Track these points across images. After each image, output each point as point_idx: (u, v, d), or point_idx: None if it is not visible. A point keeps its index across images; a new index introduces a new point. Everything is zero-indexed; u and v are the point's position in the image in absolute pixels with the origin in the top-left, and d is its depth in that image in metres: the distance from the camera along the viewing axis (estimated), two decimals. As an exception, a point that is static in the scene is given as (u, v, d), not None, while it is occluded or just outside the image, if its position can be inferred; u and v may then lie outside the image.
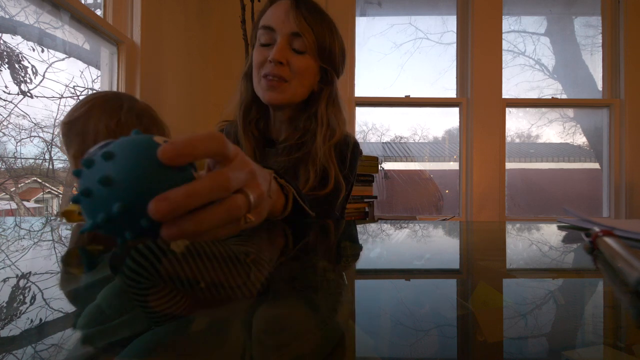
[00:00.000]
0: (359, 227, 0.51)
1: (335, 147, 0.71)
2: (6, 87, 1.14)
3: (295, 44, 0.68)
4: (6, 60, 1.14)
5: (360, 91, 2.44)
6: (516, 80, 2.55)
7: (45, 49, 1.27)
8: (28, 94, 1.20)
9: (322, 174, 0.68)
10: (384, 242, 0.40)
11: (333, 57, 0.72)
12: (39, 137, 1.29)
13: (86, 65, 1.47)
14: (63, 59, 1.35)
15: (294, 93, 0.70)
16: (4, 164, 1.22)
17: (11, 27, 1.16)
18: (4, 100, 1.14)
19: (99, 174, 0.23)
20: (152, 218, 0.23)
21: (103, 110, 0.67)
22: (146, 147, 0.24)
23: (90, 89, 1.50)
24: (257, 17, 0.74)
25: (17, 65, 1.17)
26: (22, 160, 1.27)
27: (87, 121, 0.66)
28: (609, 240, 0.29)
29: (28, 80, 1.20)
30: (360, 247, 0.37)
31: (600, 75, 2.48)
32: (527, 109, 2.60)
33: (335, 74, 0.75)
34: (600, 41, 2.47)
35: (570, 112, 2.67)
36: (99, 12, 1.50)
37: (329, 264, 0.30)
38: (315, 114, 0.71)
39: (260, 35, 0.70)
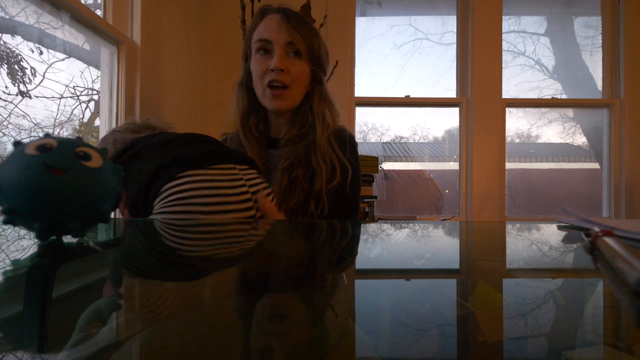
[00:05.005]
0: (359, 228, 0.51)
1: (335, 136, 0.79)
2: (6, 87, 1.14)
3: (291, 52, 0.77)
4: (5, 60, 1.14)
5: (360, 91, 2.44)
6: (516, 80, 2.55)
7: (45, 49, 1.27)
8: (27, 95, 1.19)
9: (331, 165, 0.75)
10: (384, 242, 0.40)
11: (321, 59, 0.82)
12: (39, 137, 1.29)
13: (86, 66, 1.47)
14: (63, 59, 1.35)
15: (295, 97, 0.79)
16: (4, 164, 1.22)
17: (11, 28, 1.16)
18: (4, 100, 1.14)
19: None
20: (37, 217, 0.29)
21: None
22: (16, 157, 0.30)
23: (90, 89, 1.50)
24: (249, 31, 0.81)
25: (15, 66, 1.17)
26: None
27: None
28: (609, 240, 0.29)
29: (27, 81, 1.20)
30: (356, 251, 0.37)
31: (600, 75, 2.48)
32: (527, 109, 2.60)
33: (323, 74, 0.83)
34: (600, 41, 2.47)
35: (570, 112, 2.67)
36: (99, 12, 1.50)
37: (330, 262, 0.30)
38: (311, 109, 0.79)
39: (257, 47, 0.78)
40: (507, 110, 2.41)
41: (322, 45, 0.81)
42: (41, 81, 1.26)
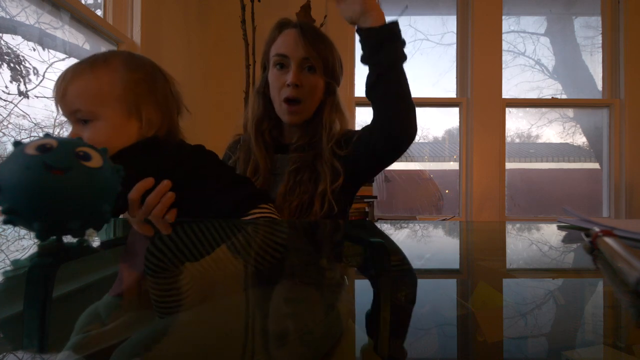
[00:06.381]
0: (360, 228, 0.51)
1: (340, 139, 0.84)
2: (6, 87, 1.14)
3: (306, 67, 0.81)
4: (7, 59, 1.14)
5: (360, 91, 2.44)
6: (516, 80, 2.55)
7: (45, 49, 1.27)
8: (25, 95, 1.19)
9: (334, 169, 0.80)
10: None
11: (335, 72, 0.85)
12: (39, 137, 1.29)
13: (86, 66, 1.47)
14: (63, 59, 1.35)
15: (309, 110, 0.83)
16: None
17: (11, 28, 1.16)
18: (4, 100, 1.14)
19: None
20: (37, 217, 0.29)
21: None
22: (16, 157, 0.30)
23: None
24: (267, 43, 0.87)
25: (18, 67, 1.17)
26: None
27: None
28: (609, 240, 0.29)
29: (28, 81, 1.20)
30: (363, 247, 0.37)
31: (600, 75, 2.48)
32: (527, 109, 2.60)
33: (337, 85, 0.88)
34: (600, 41, 2.47)
35: (570, 112, 2.67)
36: (99, 12, 1.50)
37: (336, 260, 0.30)
38: (321, 120, 0.85)
39: (275, 61, 0.83)
40: (507, 110, 2.41)
41: (337, 58, 0.86)
42: (41, 81, 1.26)
